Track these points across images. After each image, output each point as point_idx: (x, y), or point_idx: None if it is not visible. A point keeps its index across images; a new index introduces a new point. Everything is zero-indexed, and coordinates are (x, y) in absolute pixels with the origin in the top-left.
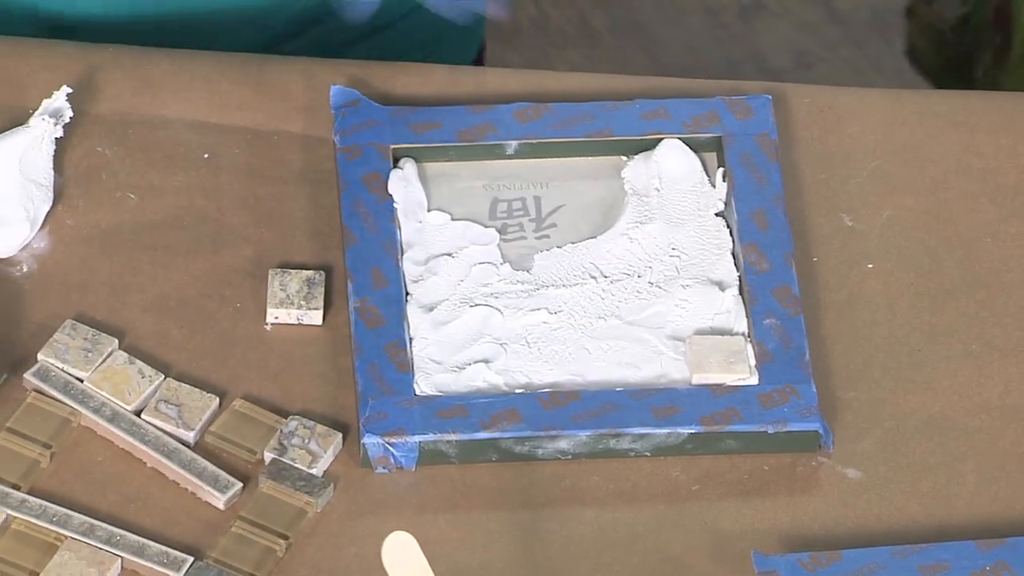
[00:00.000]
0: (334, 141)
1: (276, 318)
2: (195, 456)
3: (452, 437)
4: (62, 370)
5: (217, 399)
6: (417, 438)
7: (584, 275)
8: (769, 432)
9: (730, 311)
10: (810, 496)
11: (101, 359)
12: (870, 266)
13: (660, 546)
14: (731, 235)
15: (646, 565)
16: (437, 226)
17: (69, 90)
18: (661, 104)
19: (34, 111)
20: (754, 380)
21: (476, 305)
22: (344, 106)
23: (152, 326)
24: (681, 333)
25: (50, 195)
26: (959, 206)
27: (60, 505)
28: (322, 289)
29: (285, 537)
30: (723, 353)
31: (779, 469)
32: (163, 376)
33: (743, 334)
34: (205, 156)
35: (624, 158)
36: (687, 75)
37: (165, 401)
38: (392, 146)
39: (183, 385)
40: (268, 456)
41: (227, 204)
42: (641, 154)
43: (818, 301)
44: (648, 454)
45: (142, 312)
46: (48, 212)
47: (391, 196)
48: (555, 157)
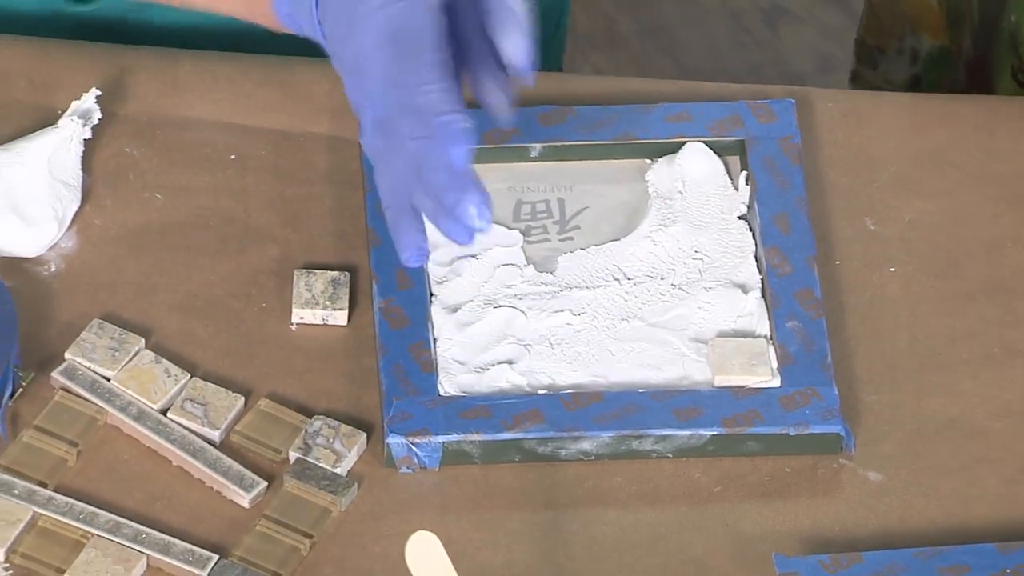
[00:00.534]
0: (360, 143)
1: (301, 318)
2: (220, 455)
3: (475, 437)
4: (89, 369)
5: (242, 398)
6: (441, 438)
7: (607, 277)
8: (791, 434)
9: (752, 313)
10: (831, 498)
11: (128, 358)
12: (892, 269)
13: (682, 547)
14: (754, 238)
15: (668, 566)
16: None
17: (98, 92)
18: (685, 107)
19: (63, 112)
20: (776, 382)
21: (500, 306)
22: None
23: (178, 325)
24: (703, 335)
25: (78, 195)
26: (980, 210)
27: (86, 503)
28: (347, 290)
29: (309, 536)
30: (745, 355)
31: (800, 471)
32: (189, 375)
33: (765, 336)
34: (232, 157)
35: (648, 161)
36: (711, 79)
37: (191, 400)
38: None
39: (209, 384)
40: (293, 455)
41: (253, 205)
42: (665, 157)
43: (840, 304)
44: (670, 455)
45: (168, 311)
46: (76, 212)
47: None
48: (579, 160)
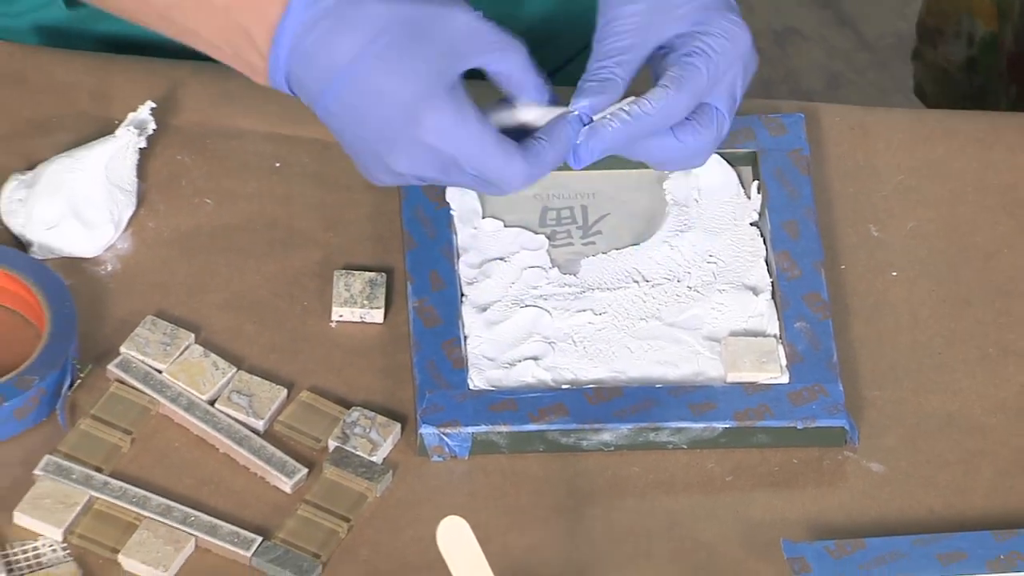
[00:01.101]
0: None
1: (340, 316)
2: (264, 443)
3: (503, 429)
4: (142, 362)
5: (285, 390)
6: (470, 429)
7: (627, 279)
8: (798, 428)
9: (763, 314)
10: (836, 488)
11: (179, 352)
12: (894, 274)
13: (695, 533)
14: (764, 243)
15: (682, 551)
16: (491, 232)
17: (153, 104)
18: None
19: (120, 122)
20: (785, 379)
21: (526, 306)
22: None
23: (226, 322)
24: (717, 334)
25: (133, 200)
26: (978, 219)
27: (139, 487)
28: (383, 290)
29: (347, 520)
30: (756, 353)
31: (807, 462)
32: (235, 369)
33: (775, 336)
34: (277, 165)
35: (665, 171)
36: None
37: (237, 392)
38: None
39: (254, 377)
40: (332, 444)
41: (297, 210)
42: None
43: (846, 306)
44: (685, 447)
45: (217, 309)
46: (131, 216)
47: (448, 204)
48: (602, 169)
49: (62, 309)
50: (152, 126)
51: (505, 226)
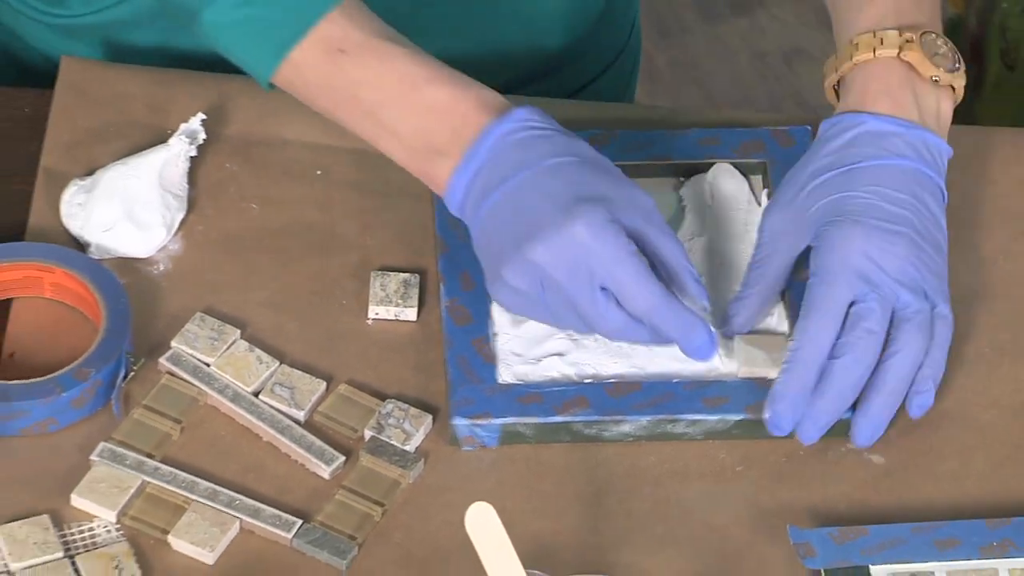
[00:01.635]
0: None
1: (376, 314)
2: (304, 432)
3: (529, 420)
4: (192, 356)
5: (324, 383)
6: (499, 421)
7: None
8: None
9: (773, 314)
10: (840, 478)
11: (225, 347)
12: None
13: (707, 519)
14: None
15: (695, 536)
16: None
17: (203, 116)
18: (714, 132)
19: (173, 132)
20: None
21: None
22: None
23: (270, 319)
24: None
25: (184, 204)
26: (974, 227)
27: (188, 473)
28: (417, 290)
29: (381, 505)
30: (767, 351)
31: (813, 453)
32: (278, 363)
33: (785, 335)
34: (318, 172)
35: (681, 179)
36: (737, 108)
37: (280, 384)
38: None
39: (295, 371)
40: (368, 434)
41: (336, 214)
42: (696, 176)
43: None
44: (699, 437)
45: (261, 307)
46: (182, 219)
47: None
48: None
49: (117, 306)
50: (202, 136)
51: None
